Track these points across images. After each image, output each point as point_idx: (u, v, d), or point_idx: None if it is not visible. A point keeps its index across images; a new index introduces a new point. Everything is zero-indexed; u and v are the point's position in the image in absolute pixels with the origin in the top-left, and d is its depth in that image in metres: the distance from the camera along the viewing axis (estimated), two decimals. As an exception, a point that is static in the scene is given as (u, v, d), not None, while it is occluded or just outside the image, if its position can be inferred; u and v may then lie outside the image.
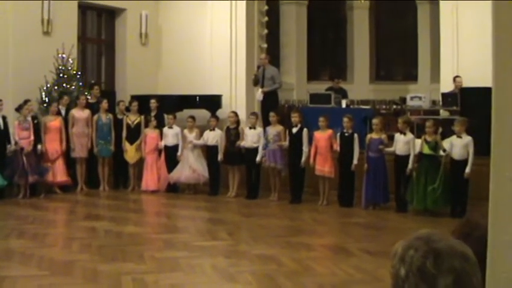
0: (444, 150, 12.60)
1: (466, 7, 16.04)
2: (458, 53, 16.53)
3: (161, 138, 15.40)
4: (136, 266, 8.91)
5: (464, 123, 12.77)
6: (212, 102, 17.62)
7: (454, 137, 12.75)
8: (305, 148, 13.89)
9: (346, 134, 13.59)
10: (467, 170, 12.39)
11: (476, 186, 12.80)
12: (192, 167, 14.88)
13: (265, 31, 19.83)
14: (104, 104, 15.55)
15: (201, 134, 15.10)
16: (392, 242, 7.43)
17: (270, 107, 15.64)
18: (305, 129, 13.95)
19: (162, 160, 15.36)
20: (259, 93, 16.89)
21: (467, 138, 12.55)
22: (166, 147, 15.33)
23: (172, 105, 17.32)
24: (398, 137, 13.19)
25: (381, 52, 24.93)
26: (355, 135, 13.53)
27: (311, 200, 13.91)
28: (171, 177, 15.05)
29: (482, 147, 13.56)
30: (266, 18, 19.84)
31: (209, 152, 15.08)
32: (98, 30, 19.26)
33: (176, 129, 15.34)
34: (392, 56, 24.53)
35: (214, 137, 14.94)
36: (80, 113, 15.35)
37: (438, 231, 2.16)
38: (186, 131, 15.14)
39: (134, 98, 16.64)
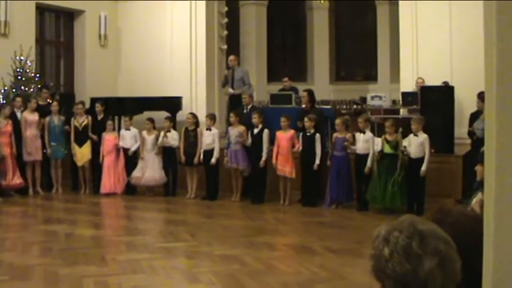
0: (404, 149, 12.50)
1: (425, 6, 16.16)
2: (417, 52, 16.64)
3: (119, 140, 15.37)
4: (98, 268, 8.81)
5: (421, 122, 12.75)
6: (172, 104, 17.52)
7: (411, 135, 12.70)
8: (265, 149, 13.88)
9: (308, 134, 13.58)
10: (423, 167, 12.39)
11: (435, 183, 12.91)
12: (152, 169, 14.79)
13: (225, 32, 19.78)
14: (55, 106, 15.35)
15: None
16: (355, 240, 7.52)
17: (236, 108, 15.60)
18: (266, 130, 13.94)
19: (120, 162, 15.25)
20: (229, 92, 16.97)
21: (423, 136, 12.55)
22: (124, 149, 15.24)
23: (133, 107, 17.19)
24: (358, 136, 13.23)
25: (341, 52, 25.10)
26: (317, 135, 13.51)
27: (273, 200, 13.88)
28: (131, 178, 14.92)
29: (442, 145, 13.73)
30: (226, 20, 19.79)
31: (166, 153, 14.99)
32: (57, 32, 19.03)
33: (134, 131, 15.32)
34: (352, 56, 24.69)
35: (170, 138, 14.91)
36: (31, 116, 15.05)
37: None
38: (144, 133, 15.02)
39: (95, 100, 16.48)
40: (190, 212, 13.54)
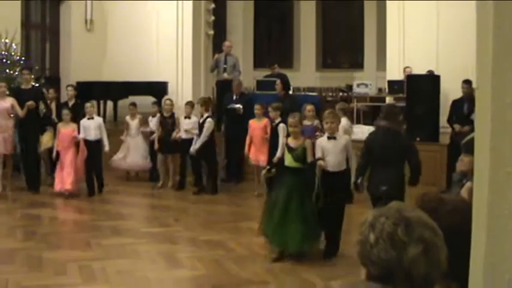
0: (323, 164, 8.73)
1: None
2: (404, 40, 16.68)
3: (78, 132, 13.16)
4: (82, 253, 8.82)
5: (336, 116, 9.26)
6: (158, 89, 17.48)
7: (324, 138, 9.01)
8: (202, 137, 13.39)
9: (273, 124, 12.51)
10: (353, 179, 8.82)
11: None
12: (135, 154, 14.60)
13: (212, 18, 19.74)
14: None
15: (144, 121, 14.76)
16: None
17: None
18: (209, 119, 13.48)
19: (80, 157, 13.15)
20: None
21: (343, 139, 9.15)
22: (87, 141, 13.14)
23: (118, 91, 17.15)
24: None
25: (327, 40, 25.06)
26: (280, 125, 12.09)
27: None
28: (113, 161, 14.59)
29: (427, 134, 13.77)
30: (213, 5, 19.76)
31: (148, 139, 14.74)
32: (42, 16, 18.91)
33: (98, 120, 13.61)
34: (339, 44, 24.68)
35: (156, 123, 14.59)
36: (0, 104, 12.95)
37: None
38: (128, 118, 14.79)
39: (80, 84, 16.30)
40: (175, 197, 13.46)
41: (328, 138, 8.83)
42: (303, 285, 7.55)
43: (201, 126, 13.43)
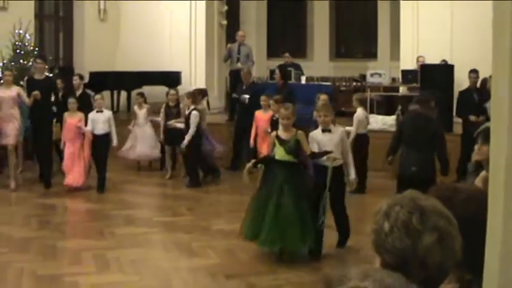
0: (333, 159, 8.17)
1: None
2: (418, 30, 16.63)
3: (85, 124, 12.49)
4: (96, 242, 8.86)
5: (330, 109, 8.80)
6: (171, 79, 17.47)
7: (319, 131, 8.53)
8: (191, 132, 12.91)
9: (274, 118, 11.84)
10: (352, 175, 8.64)
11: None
12: (143, 144, 14.43)
13: (225, 7, 19.73)
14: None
15: (153, 111, 14.63)
16: (354, 217, 7.32)
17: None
18: (194, 112, 13.00)
19: (86, 149, 12.54)
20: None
21: (339, 132, 8.63)
22: (94, 135, 12.43)
23: (131, 81, 17.17)
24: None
25: (341, 29, 24.96)
26: None
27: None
28: (120, 152, 14.24)
29: (442, 124, 13.68)
30: (226, -5, 19.77)
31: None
32: (56, 6, 18.94)
33: (107, 113, 12.86)
34: (352, 33, 24.57)
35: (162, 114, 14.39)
36: (6, 92, 12.53)
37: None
38: (136, 108, 14.66)
39: (93, 74, 16.35)
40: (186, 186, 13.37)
41: (323, 131, 8.41)
42: (315, 275, 7.54)
43: (187, 119, 13.04)
